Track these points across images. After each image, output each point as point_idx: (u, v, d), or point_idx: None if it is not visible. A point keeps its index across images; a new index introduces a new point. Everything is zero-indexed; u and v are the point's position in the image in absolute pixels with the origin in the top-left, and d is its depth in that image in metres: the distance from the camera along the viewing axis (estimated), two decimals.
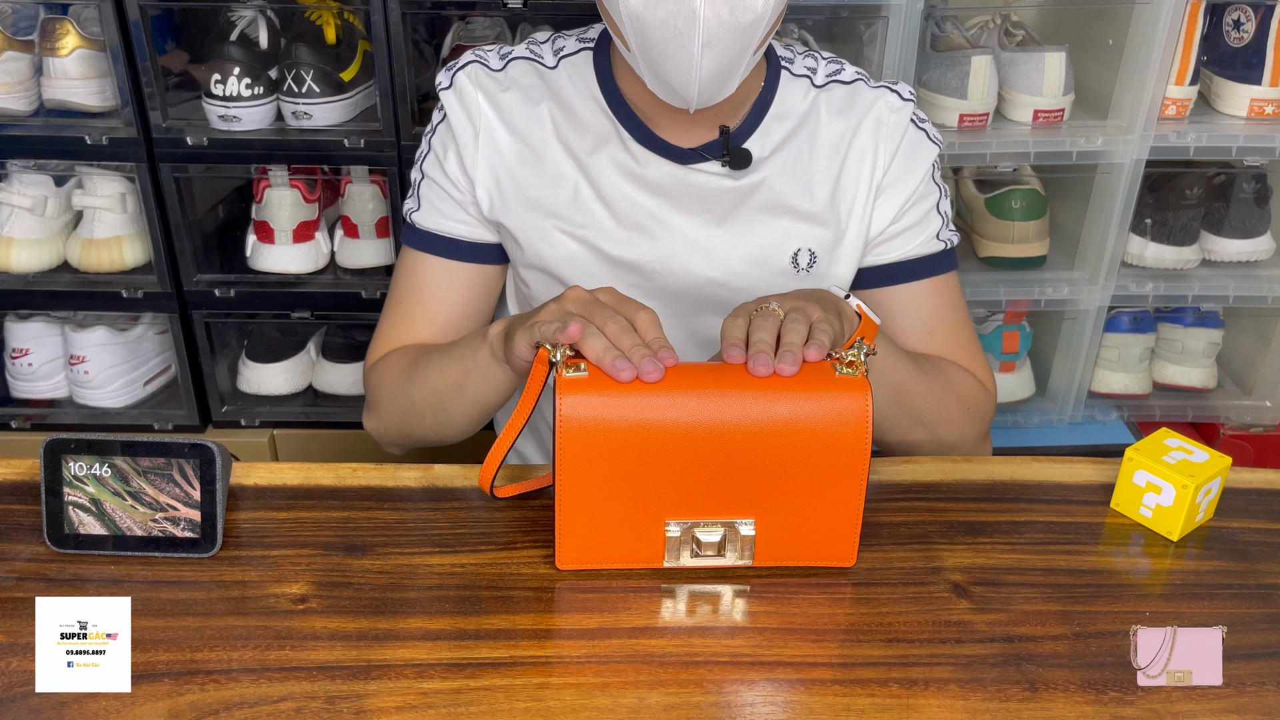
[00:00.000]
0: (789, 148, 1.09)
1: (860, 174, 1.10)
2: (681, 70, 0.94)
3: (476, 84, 1.08)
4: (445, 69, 1.11)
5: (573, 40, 1.11)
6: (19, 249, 1.66)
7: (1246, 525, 0.96)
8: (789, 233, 1.09)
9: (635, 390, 0.82)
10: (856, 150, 1.10)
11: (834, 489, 0.84)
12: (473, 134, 1.08)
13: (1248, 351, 1.92)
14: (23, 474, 0.95)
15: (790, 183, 1.09)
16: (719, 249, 1.08)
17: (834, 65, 1.13)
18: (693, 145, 1.07)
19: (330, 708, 0.74)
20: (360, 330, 1.80)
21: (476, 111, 1.08)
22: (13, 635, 0.79)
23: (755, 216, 1.08)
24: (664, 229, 1.08)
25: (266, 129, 1.59)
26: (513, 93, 1.09)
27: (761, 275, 1.09)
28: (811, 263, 1.09)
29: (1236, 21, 1.67)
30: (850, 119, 1.10)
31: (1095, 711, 0.77)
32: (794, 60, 1.12)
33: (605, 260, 1.08)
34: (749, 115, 1.08)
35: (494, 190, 1.09)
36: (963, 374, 1.12)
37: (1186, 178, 1.72)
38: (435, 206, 1.11)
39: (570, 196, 1.08)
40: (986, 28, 1.70)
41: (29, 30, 1.59)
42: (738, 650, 0.80)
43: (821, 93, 1.11)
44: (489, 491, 0.91)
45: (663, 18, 0.91)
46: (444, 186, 1.10)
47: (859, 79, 1.12)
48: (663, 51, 0.93)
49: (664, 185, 1.07)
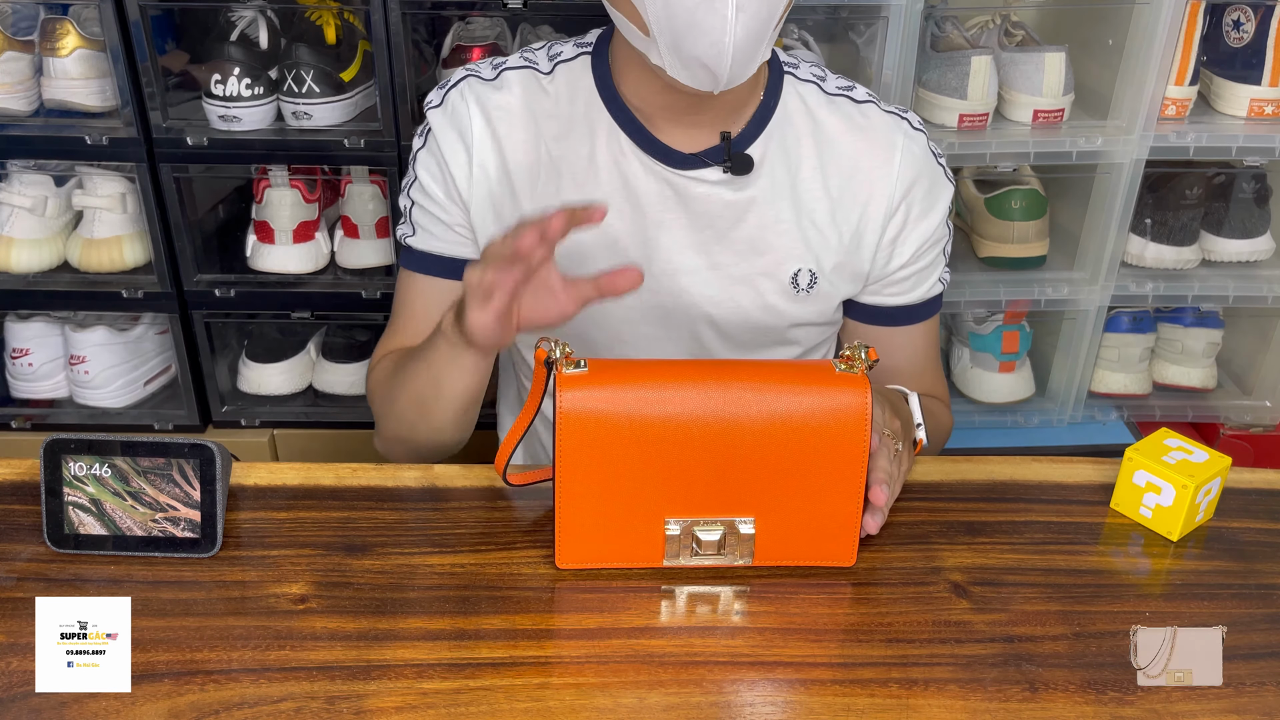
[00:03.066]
0: (793, 156, 1.07)
1: (871, 198, 1.07)
2: (713, 40, 0.90)
3: (471, 99, 1.06)
4: (438, 87, 1.10)
5: (570, 46, 1.10)
6: (19, 249, 1.66)
7: (1246, 525, 0.96)
8: (790, 252, 1.07)
9: (635, 385, 0.82)
10: (865, 172, 1.07)
11: (834, 488, 0.84)
12: (465, 156, 1.06)
13: (1248, 351, 1.92)
14: (23, 474, 0.95)
15: (792, 195, 1.07)
16: (718, 267, 1.07)
17: (845, 81, 1.11)
18: (694, 150, 1.05)
19: (330, 708, 0.74)
20: (360, 330, 1.80)
21: (468, 130, 1.06)
22: (13, 635, 0.79)
23: (756, 234, 1.06)
24: (661, 246, 1.06)
25: (266, 129, 1.59)
26: (507, 102, 1.07)
27: (761, 294, 1.08)
28: (812, 283, 1.08)
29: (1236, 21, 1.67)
30: (862, 139, 1.07)
31: (1095, 711, 0.77)
32: (799, 66, 1.10)
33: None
34: (751, 121, 1.06)
35: (488, 212, 1.08)
36: (943, 410, 1.18)
37: (1186, 178, 1.72)
38: (427, 230, 1.10)
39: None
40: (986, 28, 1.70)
41: (29, 30, 1.59)
42: (738, 650, 0.81)
43: (833, 103, 1.08)
44: (503, 476, 0.92)
45: None
46: (433, 211, 1.09)
47: (870, 100, 1.10)
48: (691, 21, 0.90)
49: (664, 198, 1.06)
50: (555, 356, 0.83)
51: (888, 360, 1.14)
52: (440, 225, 1.10)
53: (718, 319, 1.09)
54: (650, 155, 1.05)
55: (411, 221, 1.12)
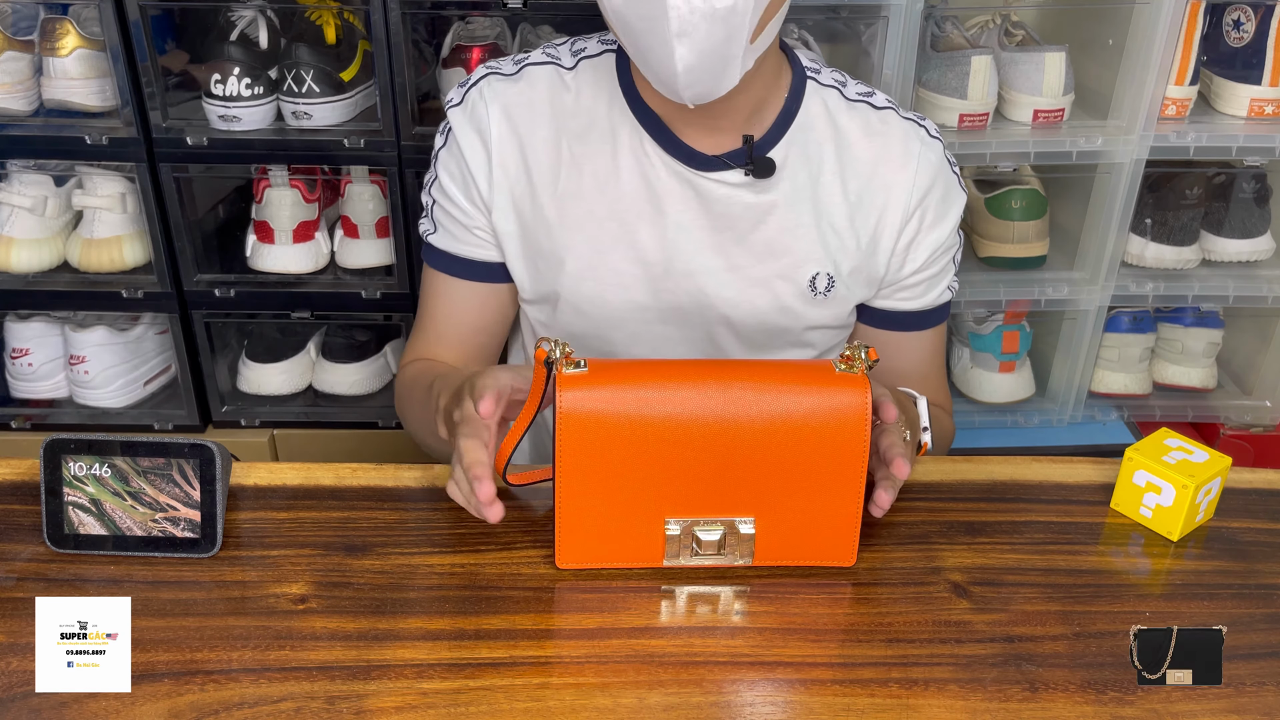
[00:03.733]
0: (814, 160, 1.07)
1: (888, 205, 1.08)
2: (662, 63, 0.91)
3: (491, 96, 1.06)
4: (459, 84, 1.09)
5: (594, 42, 1.09)
6: (19, 249, 1.66)
7: (1246, 525, 0.96)
8: (808, 255, 1.07)
9: (635, 385, 0.82)
10: (883, 178, 1.07)
11: (833, 487, 0.84)
12: (484, 157, 1.06)
13: (1248, 351, 1.92)
14: (23, 474, 0.95)
15: (812, 199, 1.07)
16: (736, 269, 1.07)
17: (865, 88, 1.11)
18: (716, 153, 1.04)
19: (330, 708, 0.74)
20: (360, 330, 1.80)
21: (487, 130, 1.05)
22: (13, 635, 0.79)
23: (775, 237, 1.06)
24: (681, 247, 1.06)
25: (266, 129, 1.59)
26: (529, 98, 1.06)
27: (778, 297, 1.08)
28: (829, 286, 1.08)
29: (1236, 21, 1.67)
30: (881, 145, 1.08)
31: (1095, 711, 0.77)
32: (820, 71, 1.10)
33: (616, 275, 1.07)
34: (774, 125, 1.06)
35: (509, 211, 1.07)
36: (947, 418, 1.18)
37: (1186, 178, 1.72)
38: (448, 230, 1.11)
39: (585, 214, 1.06)
40: (986, 28, 1.70)
41: (29, 30, 1.59)
42: (738, 650, 0.81)
43: (853, 109, 1.08)
44: (502, 476, 0.92)
45: (640, 11, 0.89)
46: (453, 213, 1.09)
47: (890, 107, 1.10)
48: (640, 45, 0.92)
49: (685, 199, 1.05)
50: (555, 357, 0.83)
51: (893, 365, 1.14)
52: (460, 228, 1.10)
53: (734, 320, 1.09)
54: (672, 156, 1.05)
55: (433, 219, 1.12)
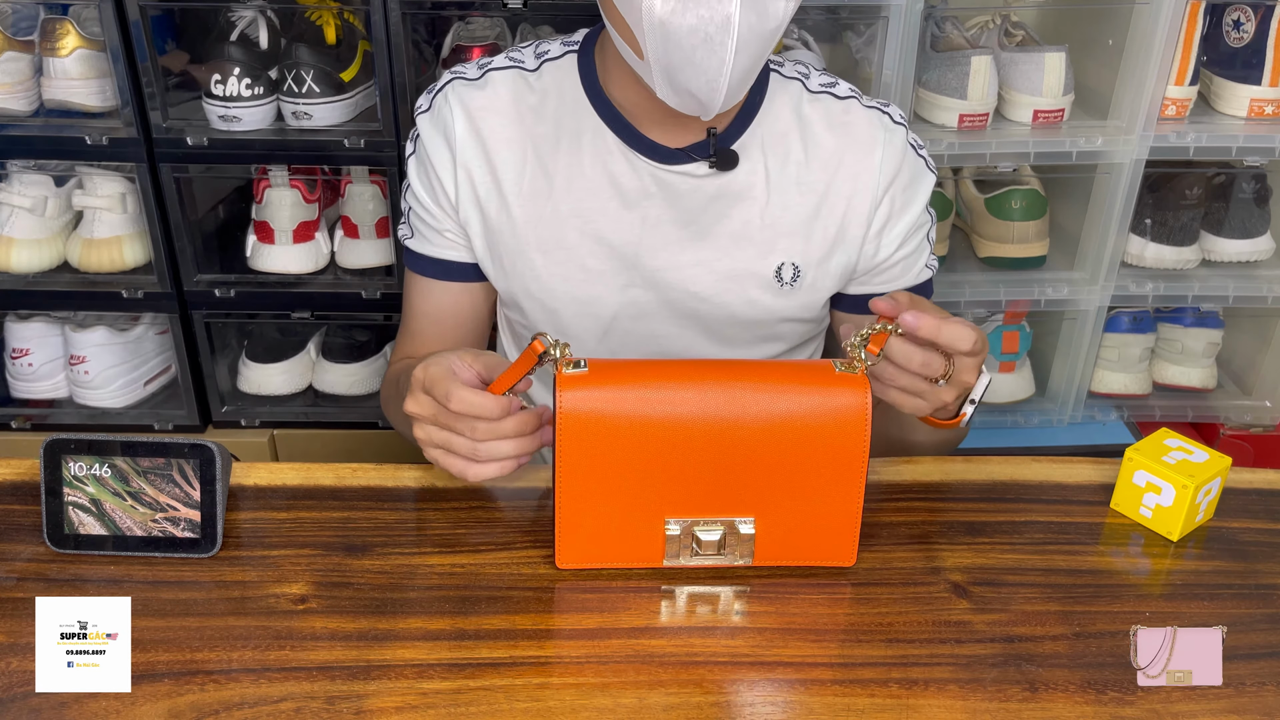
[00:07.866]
0: (778, 151, 1.08)
1: (856, 193, 1.08)
2: (709, 78, 0.92)
3: (455, 101, 1.07)
4: (425, 91, 1.11)
5: (557, 45, 1.10)
6: (19, 249, 1.66)
7: (1246, 525, 0.96)
8: (773, 246, 1.08)
9: (635, 385, 0.82)
10: (849, 167, 1.08)
11: (833, 487, 0.84)
12: (450, 161, 1.07)
13: (1248, 351, 1.92)
14: (23, 474, 0.95)
15: (776, 190, 1.07)
16: (702, 262, 1.07)
17: (828, 78, 1.12)
18: (679, 145, 1.05)
19: (330, 708, 0.74)
20: (360, 330, 1.80)
21: (452, 134, 1.07)
22: (13, 635, 0.79)
23: (739, 229, 1.07)
24: (647, 242, 1.07)
25: (266, 129, 1.59)
26: (492, 103, 1.07)
27: (745, 289, 1.08)
28: (795, 276, 1.09)
29: (1236, 21, 1.67)
30: (844, 135, 1.08)
31: (1095, 711, 0.77)
32: (783, 64, 1.11)
33: (584, 272, 1.08)
34: (737, 117, 1.07)
35: (474, 213, 1.08)
36: None
37: (1186, 178, 1.72)
38: (422, 234, 1.12)
39: (550, 212, 1.07)
40: (986, 28, 1.70)
41: (29, 30, 1.59)
42: (738, 650, 0.81)
43: (816, 99, 1.09)
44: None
45: (692, 24, 0.89)
46: (425, 217, 1.11)
47: (852, 96, 1.11)
48: (689, 58, 0.91)
49: (649, 194, 1.06)
50: (554, 356, 0.83)
51: None
52: (432, 231, 1.11)
53: (703, 314, 1.09)
54: (635, 151, 1.06)
55: (410, 224, 1.13)
